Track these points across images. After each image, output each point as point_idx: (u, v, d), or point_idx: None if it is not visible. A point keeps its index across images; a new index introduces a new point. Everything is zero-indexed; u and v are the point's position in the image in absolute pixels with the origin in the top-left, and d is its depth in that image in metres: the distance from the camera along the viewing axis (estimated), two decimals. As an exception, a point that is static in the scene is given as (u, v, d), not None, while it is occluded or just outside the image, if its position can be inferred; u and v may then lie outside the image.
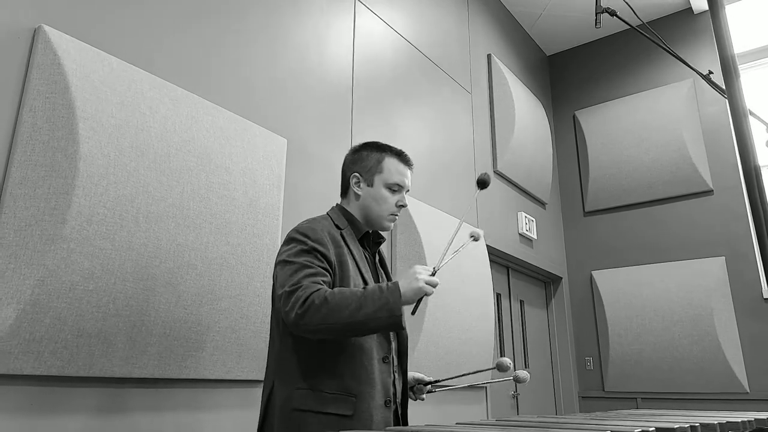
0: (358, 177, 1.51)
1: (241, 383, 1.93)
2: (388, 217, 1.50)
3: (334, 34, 2.68)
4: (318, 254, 1.34)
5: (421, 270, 1.25)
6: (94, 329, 1.50)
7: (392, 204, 1.50)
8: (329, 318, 1.20)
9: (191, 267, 1.75)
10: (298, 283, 1.26)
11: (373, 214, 1.50)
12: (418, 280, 1.23)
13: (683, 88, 4.46)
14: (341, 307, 1.20)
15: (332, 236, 1.41)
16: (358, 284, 1.39)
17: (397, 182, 1.50)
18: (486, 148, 3.88)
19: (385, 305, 1.20)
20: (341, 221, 1.49)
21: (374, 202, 1.49)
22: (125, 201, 1.60)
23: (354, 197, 1.52)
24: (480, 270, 3.26)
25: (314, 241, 1.35)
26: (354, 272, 1.40)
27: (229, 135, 1.98)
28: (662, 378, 4.04)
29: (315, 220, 1.45)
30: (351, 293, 1.23)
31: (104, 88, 1.62)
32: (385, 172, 1.49)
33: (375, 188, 1.49)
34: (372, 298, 1.21)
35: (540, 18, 4.75)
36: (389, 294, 1.21)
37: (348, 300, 1.21)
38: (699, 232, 4.21)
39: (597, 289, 4.48)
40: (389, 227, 1.53)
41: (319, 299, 1.21)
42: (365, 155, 1.53)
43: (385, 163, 1.50)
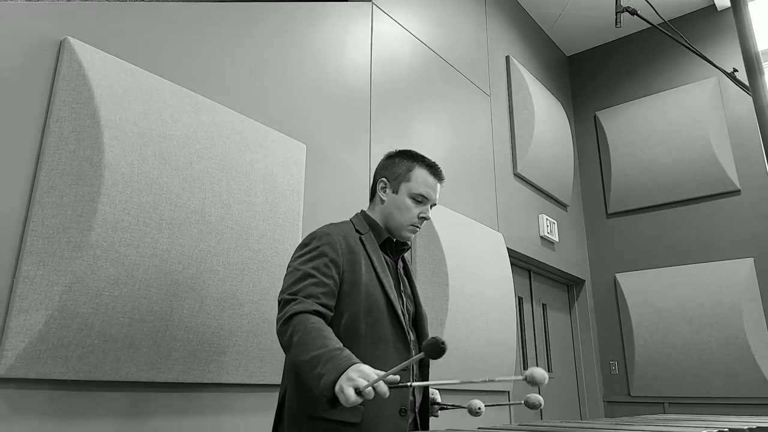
0: (385, 182, 1.50)
1: (263, 387, 1.94)
2: (408, 228, 1.46)
3: (351, 40, 2.70)
4: (327, 259, 1.31)
5: (354, 377, 1.03)
6: (120, 334, 1.52)
7: (414, 215, 1.46)
8: (293, 352, 1.17)
9: (213, 272, 1.78)
10: (295, 294, 1.25)
11: (394, 222, 1.47)
12: (343, 386, 1.03)
13: (707, 87, 4.36)
14: (302, 350, 1.14)
15: (347, 242, 1.38)
16: (374, 291, 1.36)
17: (423, 193, 1.46)
18: (505, 151, 3.85)
19: (321, 378, 1.07)
20: (362, 226, 1.47)
21: (396, 210, 1.46)
22: (149, 208, 1.63)
23: (379, 202, 1.50)
24: (501, 273, 3.23)
25: (326, 245, 1.34)
26: (369, 278, 1.36)
27: (249, 142, 2.00)
28: (690, 382, 3.94)
29: (333, 225, 1.43)
30: (318, 342, 1.14)
31: (127, 97, 1.65)
32: (413, 181, 1.46)
33: (399, 196, 1.47)
34: (323, 362, 1.09)
35: (559, 18, 4.71)
36: (331, 374, 1.06)
37: (310, 347, 1.13)
38: (726, 232, 4.11)
39: (621, 292, 4.40)
40: (408, 238, 1.48)
41: (298, 327, 1.18)
42: (397, 162, 1.50)
43: (414, 173, 1.47)
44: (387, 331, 1.34)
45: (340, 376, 1.04)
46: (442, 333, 2.66)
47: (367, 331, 1.32)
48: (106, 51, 1.68)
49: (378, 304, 1.35)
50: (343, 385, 1.02)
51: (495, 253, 3.24)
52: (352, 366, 1.05)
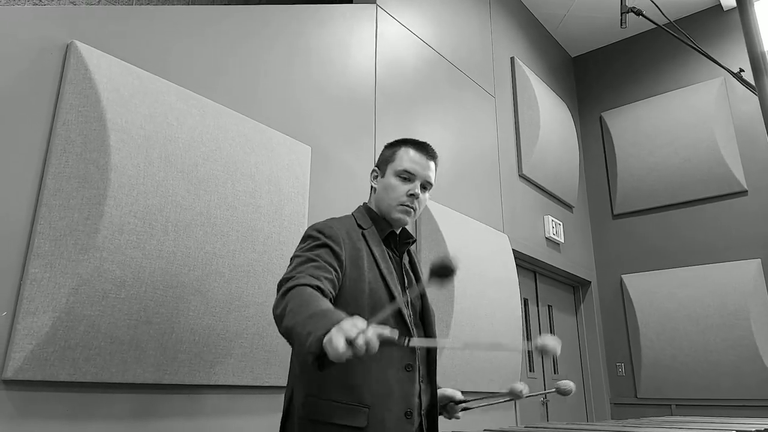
0: (376, 170, 1.47)
1: (269, 389, 1.94)
2: (397, 208, 1.39)
3: (356, 42, 2.70)
4: (329, 249, 1.27)
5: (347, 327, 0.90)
6: (126, 336, 1.53)
7: (402, 193, 1.39)
8: (285, 320, 1.07)
9: (219, 274, 1.78)
10: (292, 272, 1.18)
11: (384, 204, 1.42)
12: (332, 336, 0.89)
13: (714, 87, 4.34)
14: (290, 317, 1.04)
15: (350, 236, 1.34)
16: (375, 286, 1.31)
17: (407, 168, 1.40)
18: (510, 152, 3.84)
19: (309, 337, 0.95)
20: (365, 221, 1.42)
21: (384, 192, 1.42)
22: (155, 210, 1.63)
23: (373, 192, 1.47)
24: (506, 275, 3.22)
25: (327, 237, 1.29)
26: (370, 273, 1.31)
27: (254, 144, 2.01)
28: (697, 384, 3.92)
29: (335, 219, 1.39)
30: (313, 305, 1.04)
31: (134, 100, 1.66)
32: (397, 159, 1.42)
33: (386, 178, 1.42)
34: (312, 322, 0.98)
35: (564, 19, 4.70)
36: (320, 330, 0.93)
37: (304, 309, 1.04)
38: (733, 233, 4.08)
39: (627, 294, 4.38)
40: (401, 219, 1.40)
41: (289, 295, 1.10)
42: (386, 149, 1.48)
43: (398, 152, 1.43)
44: None
45: (330, 330, 0.91)
46: (448, 335, 2.66)
47: None
48: (112, 54, 1.69)
49: (382, 302, 1.30)
50: (332, 336, 0.89)
51: (500, 255, 3.24)
52: (343, 320, 0.93)
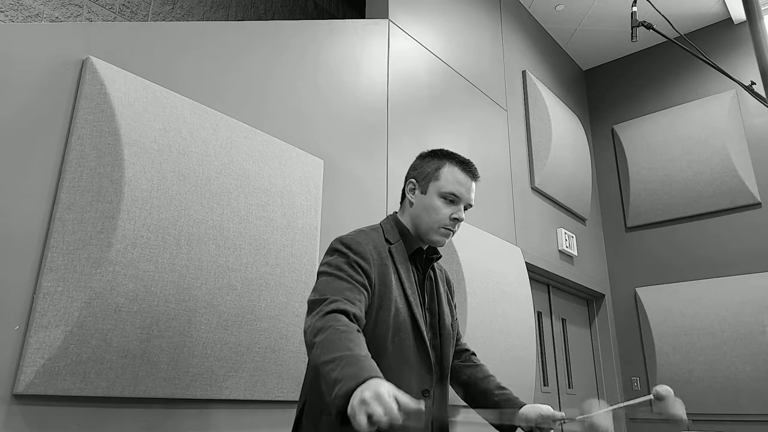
0: (414, 183, 1.39)
1: (281, 404, 1.92)
2: (438, 231, 1.34)
3: (368, 56, 2.71)
4: (359, 268, 1.23)
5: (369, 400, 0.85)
6: (138, 350, 1.52)
7: (445, 216, 1.33)
8: (316, 351, 1.04)
9: (231, 288, 1.77)
10: (326, 295, 1.15)
11: (423, 225, 1.35)
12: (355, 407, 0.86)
13: (725, 99, 4.31)
14: (326, 349, 1.02)
15: (378, 252, 1.30)
16: (402, 308, 1.27)
17: (453, 191, 1.34)
18: (523, 165, 3.82)
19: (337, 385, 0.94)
20: (393, 234, 1.37)
21: (425, 212, 1.34)
22: (168, 224, 1.63)
23: (408, 205, 1.39)
24: (520, 288, 3.18)
25: (356, 254, 1.25)
26: (398, 294, 1.28)
27: (266, 157, 2.01)
28: (714, 399, 3.83)
29: (362, 232, 1.34)
30: (342, 344, 1.01)
31: (147, 114, 1.67)
32: (441, 179, 1.35)
33: (428, 196, 1.35)
34: (341, 366, 0.96)
35: (575, 33, 4.70)
36: (348, 381, 0.92)
37: (332, 347, 1.01)
38: (748, 246, 4.01)
39: (642, 307, 4.31)
40: (440, 242, 1.35)
41: (327, 324, 1.06)
42: (427, 161, 1.40)
43: (443, 170, 1.36)
44: (411, 353, 1.26)
45: (356, 389, 0.89)
46: (460, 349, 2.62)
47: (393, 351, 1.24)
48: (127, 69, 1.71)
49: (405, 323, 1.27)
50: (355, 408, 0.86)
51: (513, 268, 3.20)
52: (371, 379, 0.90)
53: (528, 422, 1.33)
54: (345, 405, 0.90)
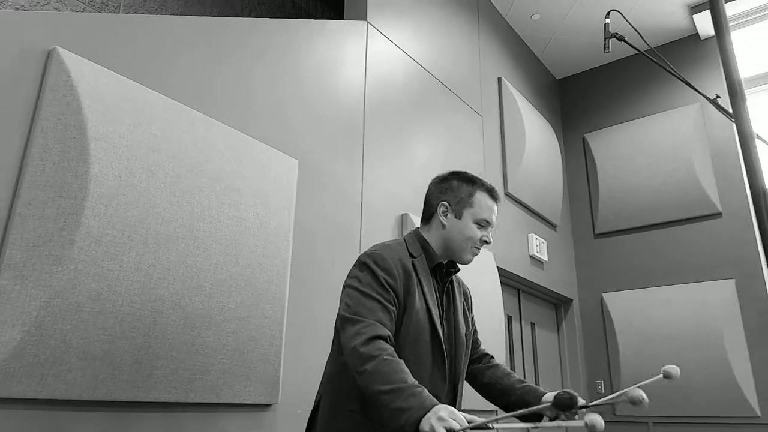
0: (447, 206, 1.48)
1: (248, 407, 1.89)
2: (471, 250, 1.47)
3: (346, 57, 2.70)
4: (388, 285, 1.32)
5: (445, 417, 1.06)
6: (100, 352, 1.47)
7: (477, 239, 1.47)
8: (367, 377, 1.18)
9: (200, 288, 1.73)
10: (364, 316, 1.26)
11: (457, 246, 1.47)
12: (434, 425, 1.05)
13: (691, 112, 4.44)
14: (380, 380, 1.16)
15: (404, 266, 1.39)
16: (423, 317, 1.37)
17: (486, 218, 1.47)
18: (497, 170, 3.86)
19: (404, 414, 1.10)
20: (416, 248, 1.46)
21: (460, 235, 1.46)
22: (135, 222, 1.59)
23: (439, 226, 1.49)
24: (491, 292, 3.21)
25: (384, 271, 1.34)
26: (420, 304, 1.37)
27: (240, 156, 1.98)
28: (673, 402, 3.94)
29: (388, 247, 1.42)
30: (397, 376, 1.16)
31: (117, 109, 1.62)
32: (476, 206, 1.47)
33: (463, 221, 1.47)
34: (404, 397, 1.12)
35: (550, 42, 4.78)
36: (416, 411, 1.09)
37: (390, 379, 1.15)
38: (708, 254, 4.15)
39: (608, 312, 4.41)
40: (470, 261, 1.49)
41: (375, 353, 1.19)
42: (456, 185, 1.50)
43: (476, 198, 1.48)
44: (428, 358, 1.37)
45: (426, 414, 1.07)
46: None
47: (411, 356, 1.32)
48: (96, 62, 1.65)
49: (424, 331, 1.36)
50: (434, 425, 1.04)
51: (485, 272, 3.23)
52: (436, 406, 1.08)
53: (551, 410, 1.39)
54: (414, 429, 1.07)
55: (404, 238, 1.50)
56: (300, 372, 2.08)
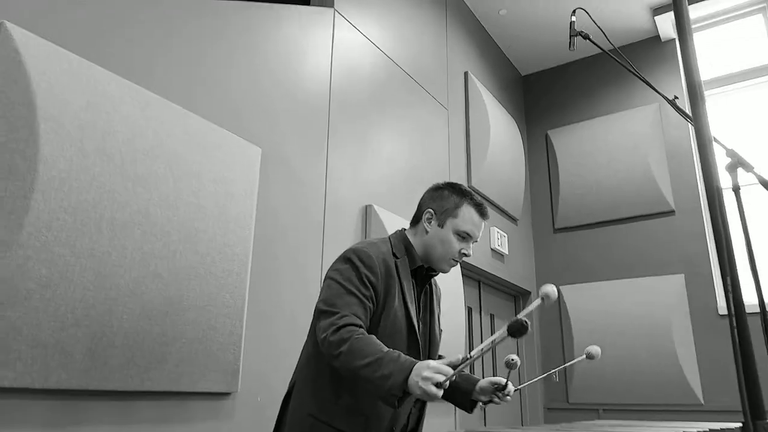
0: (432, 214, 1.51)
1: (208, 396, 1.87)
2: (448, 261, 1.50)
3: (312, 45, 2.67)
4: (368, 282, 1.36)
5: (430, 375, 1.13)
6: (51, 339, 1.43)
7: (456, 250, 1.48)
8: (344, 358, 1.22)
9: (157, 276, 1.70)
10: (339, 308, 1.30)
11: (435, 254, 1.49)
12: (422, 386, 1.12)
13: (649, 112, 4.59)
14: (357, 356, 1.20)
15: (386, 265, 1.42)
16: (400, 316, 1.41)
17: (468, 231, 1.49)
18: (461, 164, 3.91)
19: (388, 380, 1.15)
20: (399, 249, 1.49)
21: (439, 244, 1.48)
22: (87, 206, 1.54)
23: (422, 232, 1.52)
24: (452, 284, 3.26)
25: (367, 268, 1.37)
26: (399, 304, 1.41)
27: (200, 142, 1.94)
28: (623, 390, 4.11)
29: (373, 245, 1.45)
30: (373, 348, 1.21)
31: (68, 88, 1.56)
32: (459, 218, 1.48)
33: (444, 230, 1.49)
34: (384, 365, 1.17)
35: (516, 39, 4.84)
36: (398, 374, 1.15)
37: (366, 353, 1.20)
38: (661, 250, 4.32)
39: (564, 304, 4.54)
40: (446, 271, 1.53)
41: (346, 335, 1.23)
42: (446, 195, 1.53)
43: (461, 210, 1.49)
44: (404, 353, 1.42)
45: (409, 376, 1.13)
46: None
47: None
48: (47, 38, 1.58)
49: (401, 330, 1.41)
50: (421, 384, 1.11)
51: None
52: (417, 365, 1.14)
53: (484, 393, 1.50)
54: (402, 390, 1.14)
55: (389, 238, 1.53)
56: (261, 361, 2.07)
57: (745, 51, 4.47)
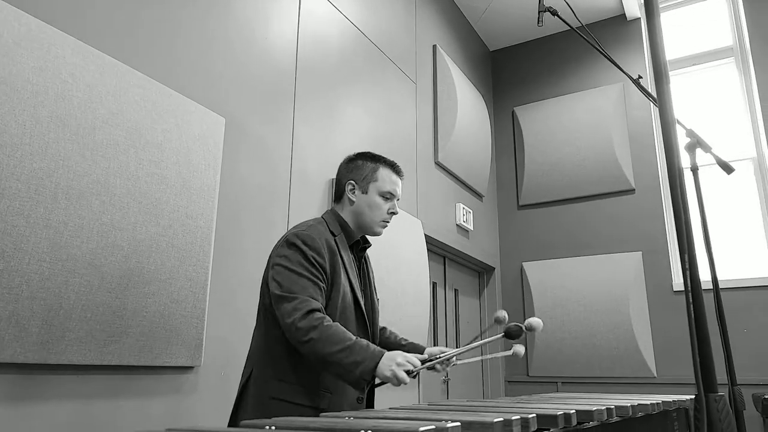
0: (353, 184, 1.61)
1: (170, 369, 1.85)
2: (380, 223, 1.61)
3: (279, 11, 2.60)
4: (317, 264, 1.43)
5: (403, 362, 1.30)
6: (5, 312, 1.38)
7: (384, 211, 1.61)
8: (314, 344, 1.32)
9: (117, 248, 1.66)
10: (297, 293, 1.38)
11: (366, 219, 1.60)
12: (395, 371, 1.29)
13: (613, 92, 4.68)
14: (327, 342, 1.31)
15: (329, 245, 1.49)
16: (347, 291, 1.51)
17: (390, 191, 1.61)
18: (428, 139, 3.91)
19: (358, 366, 1.29)
20: (335, 227, 1.57)
21: (368, 209, 1.59)
22: (42, 175, 1.48)
23: (348, 203, 1.61)
24: (418, 259, 3.30)
25: (313, 250, 1.44)
26: (344, 279, 1.51)
27: (161, 110, 1.88)
28: (581, 364, 4.27)
29: (312, 227, 1.51)
30: (342, 336, 1.32)
31: (20, 50, 1.48)
32: (380, 180, 1.61)
33: (369, 195, 1.60)
34: (355, 352, 1.30)
35: (485, 13, 4.83)
36: (369, 361, 1.29)
37: (335, 339, 1.31)
38: (620, 228, 4.46)
39: (527, 280, 4.66)
40: (380, 233, 1.63)
41: (315, 322, 1.33)
42: (361, 164, 1.63)
43: (379, 173, 1.62)
44: (353, 325, 1.52)
45: (379, 362, 1.29)
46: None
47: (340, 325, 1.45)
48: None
49: (350, 303, 1.52)
50: (394, 370, 1.28)
51: (413, 239, 3.30)
52: (386, 354, 1.31)
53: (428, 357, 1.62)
54: (371, 376, 1.30)
55: (323, 218, 1.60)
56: (225, 334, 2.06)
57: (705, 34, 4.59)
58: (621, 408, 1.29)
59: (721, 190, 4.23)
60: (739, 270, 4.03)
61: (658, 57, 1.02)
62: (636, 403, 1.39)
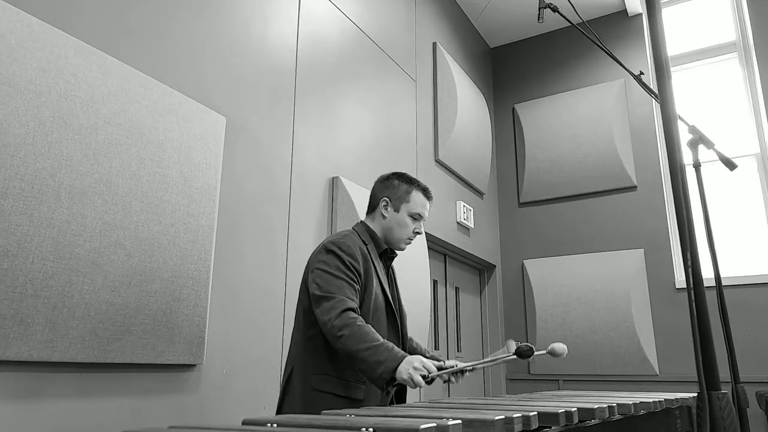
0: (387, 201, 1.77)
1: (172, 367, 1.86)
2: (405, 240, 1.77)
3: (279, 10, 2.60)
4: (353, 268, 1.59)
5: (420, 367, 1.40)
6: (9, 311, 1.39)
7: (411, 230, 1.77)
8: (345, 340, 1.46)
9: (119, 247, 1.66)
10: (334, 293, 1.53)
11: (395, 236, 1.76)
12: (411, 374, 1.39)
13: (615, 88, 4.67)
14: (356, 340, 1.44)
15: (362, 252, 1.65)
16: (379, 294, 1.66)
17: (419, 212, 1.77)
18: (428, 137, 3.91)
19: (381, 365, 1.41)
20: (366, 237, 1.74)
21: (397, 226, 1.75)
22: (45, 174, 1.49)
23: (380, 217, 1.78)
24: (418, 256, 3.30)
25: (349, 256, 1.60)
26: (376, 284, 1.66)
27: (163, 109, 1.88)
28: (582, 361, 4.28)
29: (347, 236, 1.67)
30: (370, 336, 1.45)
31: (23, 50, 1.49)
32: (411, 202, 1.76)
33: (400, 214, 1.76)
34: (379, 352, 1.42)
35: (485, 10, 4.82)
36: (390, 362, 1.40)
37: (364, 339, 1.44)
38: (622, 225, 4.46)
39: (528, 278, 4.66)
40: (404, 249, 1.79)
41: (349, 321, 1.47)
42: (396, 184, 1.79)
43: (412, 195, 1.77)
44: (385, 328, 1.67)
45: (399, 365, 1.39)
46: (359, 314, 2.68)
47: (372, 326, 1.56)
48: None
49: (381, 306, 1.67)
50: (411, 373, 1.38)
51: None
52: (408, 357, 1.41)
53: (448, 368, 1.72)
54: (391, 375, 1.40)
55: (354, 229, 1.76)
56: (226, 332, 2.07)
57: (708, 29, 4.58)
58: (623, 406, 1.29)
59: (724, 186, 4.22)
60: (742, 267, 4.03)
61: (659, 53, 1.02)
62: (638, 400, 1.39)
